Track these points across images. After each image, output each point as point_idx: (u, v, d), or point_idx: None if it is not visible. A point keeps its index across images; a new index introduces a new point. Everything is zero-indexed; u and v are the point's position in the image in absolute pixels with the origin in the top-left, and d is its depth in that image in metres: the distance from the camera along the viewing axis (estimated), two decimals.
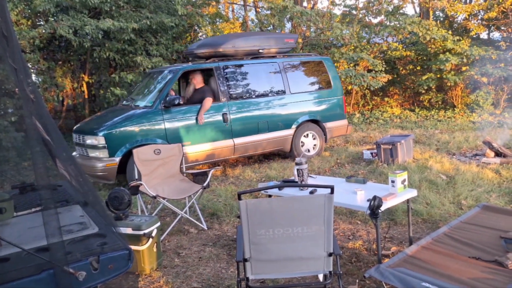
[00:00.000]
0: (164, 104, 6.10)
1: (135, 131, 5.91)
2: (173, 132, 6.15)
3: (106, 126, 5.90)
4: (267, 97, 7.03)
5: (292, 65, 7.40)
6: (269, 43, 7.27)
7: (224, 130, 6.58)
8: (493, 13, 11.76)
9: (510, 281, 2.61)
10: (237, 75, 6.87)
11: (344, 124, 7.85)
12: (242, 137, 6.72)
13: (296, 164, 3.68)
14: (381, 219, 3.24)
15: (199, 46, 7.12)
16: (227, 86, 6.69)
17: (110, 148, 5.75)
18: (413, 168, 5.78)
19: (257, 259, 2.40)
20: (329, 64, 7.72)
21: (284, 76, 7.19)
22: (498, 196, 4.62)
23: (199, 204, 4.85)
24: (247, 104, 6.82)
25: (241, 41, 7.05)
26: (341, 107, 7.79)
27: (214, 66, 6.67)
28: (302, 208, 2.32)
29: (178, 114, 6.22)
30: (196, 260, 3.71)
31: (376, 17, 14.18)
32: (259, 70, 7.04)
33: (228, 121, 6.58)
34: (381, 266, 2.81)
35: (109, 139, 5.76)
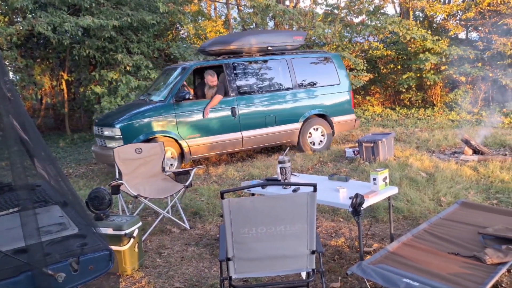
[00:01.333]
0: (175, 99, 6.47)
1: (149, 124, 6.32)
2: (183, 125, 6.54)
3: (122, 118, 6.35)
4: (275, 92, 7.33)
5: (300, 61, 7.63)
6: (278, 40, 7.55)
7: (233, 123, 6.90)
8: (470, 13, 12.01)
9: (488, 276, 2.67)
10: (245, 71, 7.20)
11: (351, 118, 8.06)
12: (250, 130, 7.03)
13: (279, 163, 3.69)
14: (363, 216, 3.27)
15: (210, 44, 7.41)
16: (236, 81, 7.01)
17: (125, 139, 6.15)
18: (394, 166, 5.85)
19: (240, 258, 2.39)
20: (337, 60, 7.98)
21: (292, 72, 7.46)
22: (476, 193, 4.72)
23: (182, 204, 4.81)
24: (255, 99, 7.13)
25: (251, 39, 7.34)
26: (349, 102, 8.00)
27: (223, 63, 6.99)
28: (285, 207, 2.33)
29: (188, 108, 6.59)
30: (179, 260, 3.68)
31: (358, 17, 14.33)
32: (267, 66, 7.38)
33: (236, 115, 6.90)
34: (363, 263, 2.84)
35: (124, 131, 6.21)
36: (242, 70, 7.16)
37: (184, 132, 6.53)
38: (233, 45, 7.16)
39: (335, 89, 7.85)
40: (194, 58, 10.63)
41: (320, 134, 7.76)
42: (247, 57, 7.26)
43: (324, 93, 7.75)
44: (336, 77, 7.87)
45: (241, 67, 7.14)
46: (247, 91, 7.11)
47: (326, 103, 7.74)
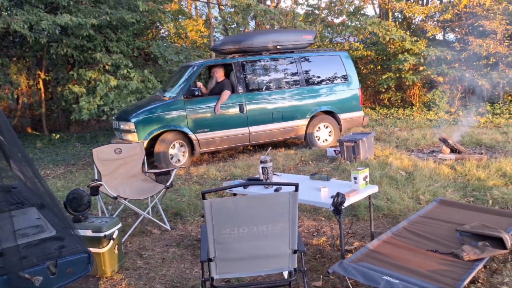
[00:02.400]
0: (186, 95, 6.89)
1: (160, 118, 6.77)
2: (193, 120, 6.95)
3: (136, 113, 6.82)
4: (282, 90, 7.64)
5: (308, 59, 7.91)
6: (287, 39, 7.82)
7: (240, 119, 7.26)
8: (448, 15, 12.26)
9: (465, 272, 2.73)
10: (254, 69, 7.54)
11: (360, 115, 8.22)
12: (257, 126, 7.38)
13: (261, 162, 3.69)
14: (344, 215, 3.30)
15: (222, 43, 7.82)
16: (244, 79, 7.36)
17: (139, 133, 6.66)
18: (374, 165, 5.93)
19: (222, 259, 2.38)
20: (345, 58, 8.14)
21: (300, 70, 7.74)
22: (454, 191, 4.82)
23: (162, 204, 4.76)
24: (262, 95, 7.47)
25: (261, 38, 7.67)
26: (357, 100, 8.14)
27: (233, 62, 7.35)
28: (267, 206, 2.33)
29: (197, 104, 6.99)
30: (159, 261, 3.65)
31: (338, 17, 14.45)
32: (275, 64, 7.68)
33: (244, 111, 7.25)
34: (344, 262, 2.86)
35: (138, 125, 6.67)
36: (251, 68, 7.50)
37: (193, 127, 6.93)
38: (243, 44, 7.50)
39: (343, 87, 8.05)
40: (175, 57, 10.55)
41: (327, 131, 8.02)
42: (256, 55, 7.58)
43: (332, 90, 7.99)
44: (345, 74, 8.07)
45: (249, 65, 7.48)
46: (255, 89, 7.47)
47: (333, 100, 7.96)
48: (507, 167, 5.29)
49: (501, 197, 4.44)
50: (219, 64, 7.41)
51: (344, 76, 8.06)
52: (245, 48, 7.52)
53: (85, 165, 7.89)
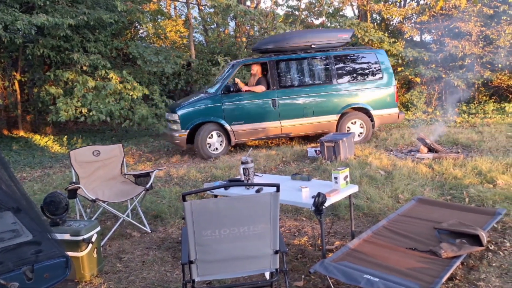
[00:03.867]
0: (223, 91, 7.58)
1: (200, 111, 7.57)
2: (229, 113, 7.63)
3: (182, 106, 7.69)
4: (313, 86, 8.00)
5: (342, 57, 8.16)
6: (322, 39, 8.19)
7: (273, 113, 7.78)
8: (424, 17, 12.50)
9: (443, 269, 2.78)
10: (287, 67, 7.99)
11: (394, 112, 8.29)
12: (288, 120, 7.84)
13: (242, 163, 3.68)
14: (325, 215, 3.32)
15: (263, 43, 8.41)
16: (278, 76, 7.86)
17: (182, 123, 7.52)
18: (354, 165, 5.99)
19: (203, 261, 2.36)
20: (381, 56, 8.29)
21: (333, 67, 8.03)
22: (431, 189, 4.91)
23: (142, 207, 4.71)
24: (294, 92, 7.91)
25: (297, 38, 8.15)
26: (392, 97, 8.23)
27: (268, 60, 7.88)
28: (248, 207, 2.32)
29: (233, 99, 7.65)
30: (140, 264, 3.60)
31: (318, 18, 14.57)
32: (309, 62, 8.08)
33: (276, 106, 7.74)
34: (325, 261, 2.88)
35: (181, 116, 7.53)
36: (284, 66, 7.96)
37: (229, 119, 7.62)
38: (280, 44, 8.04)
39: (377, 84, 8.16)
40: (154, 57, 10.44)
41: (359, 127, 8.15)
42: (290, 54, 8.01)
43: (365, 87, 8.12)
44: (380, 72, 8.18)
45: (283, 63, 7.94)
46: (287, 85, 7.95)
47: (366, 97, 8.10)
48: (482, 166, 5.42)
49: (477, 195, 4.54)
50: (257, 62, 8.02)
51: (378, 73, 8.19)
52: (283, 47, 8.04)
53: (62, 167, 7.73)
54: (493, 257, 3.24)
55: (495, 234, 3.65)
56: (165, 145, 9.45)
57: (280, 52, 8.11)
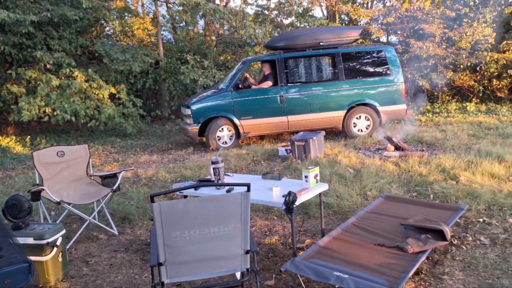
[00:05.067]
0: (233, 87, 7.97)
1: (211, 106, 8.00)
2: (238, 108, 8.00)
3: (194, 101, 8.18)
4: (320, 83, 8.25)
5: (350, 54, 8.28)
6: (331, 36, 8.37)
7: (280, 108, 8.07)
8: (391, 18, 12.78)
9: (410, 264, 2.84)
10: (294, 64, 8.30)
11: (402, 108, 8.35)
12: (295, 115, 8.10)
13: (212, 163, 3.65)
14: (295, 213, 3.34)
15: (275, 40, 8.67)
16: (285, 73, 8.15)
17: (194, 117, 7.98)
18: (324, 163, 6.05)
19: (173, 262, 2.32)
20: (389, 53, 8.33)
21: (340, 64, 8.19)
22: (398, 187, 5.03)
23: (109, 208, 4.59)
24: (301, 88, 8.20)
25: (306, 36, 8.38)
26: (399, 93, 8.29)
27: (276, 58, 8.19)
28: (219, 208, 2.30)
29: (242, 94, 8.01)
30: (107, 268, 3.51)
31: (288, 18, 14.65)
32: (316, 59, 8.32)
33: (283, 101, 8.03)
34: (296, 260, 2.89)
35: (194, 111, 7.99)
36: (292, 63, 8.27)
37: (239, 114, 7.99)
38: (289, 41, 8.29)
39: (385, 80, 8.25)
40: (121, 56, 10.21)
41: (365, 122, 8.29)
42: (299, 51, 8.22)
43: (372, 83, 8.22)
44: (387, 68, 8.26)
45: (291, 60, 8.25)
46: (294, 82, 8.24)
47: (373, 93, 8.21)
48: (446, 163, 5.60)
49: (441, 192, 4.68)
50: (266, 60, 8.40)
51: (386, 69, 8.27)
52: (294, 45, 8.26)
53: (25, 169, 7.45)
54: (456, 251, 3.35)
55: (458, 229, 3.78)
56: (132, 145, 9.26)
57: (290, 49, 8.33)
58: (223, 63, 13.32)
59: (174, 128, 11.36)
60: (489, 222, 3.85)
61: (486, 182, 4.87)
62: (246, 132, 8.09)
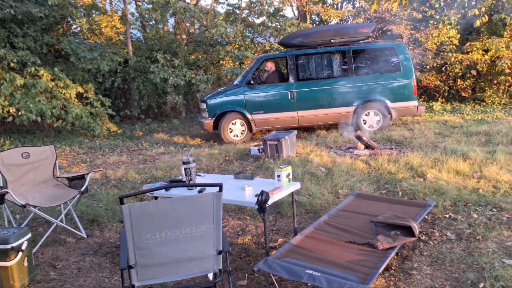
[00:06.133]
0: (246, 83, 8.37)
1: (225, 101, 8.45)
2: (250, 103, 8.40)
3: (210, 96, 8.66)
4: (329, 79, 8.52)
5: (361, 51, 8.49)
6: (342, 33, 8.59)
7: (290, 104, 8.39)
8: (360, 19, 13.01)
9: (380, 260, 2.89)
10: (305, 61, 8.71)
11: (412, 105, 8.49)
12: (305, 111, 8.41)
13: (184, 163, 3.60)
14: (268, 213, 3.34)
15: (289, 38, 8.94)
16: (296, 70, 8.46)
17: (209, 111, 8.46)
18: (297, 162, 6.09)
19: (143, 265, 2.27)
20: (400, 50, 8.47)
21: (350, 61, 8.41)
22: (368, 184, 5.12)
23: (77, 211, 4.47)
24: (310, 84, 8.48)
25: (320, 33, 8.67)
26: (410, 89, 8.42)
27: (287, 55, 8.56)
28: (190, 208, 2.27)
29: (254, 90, 8.42)
30: (75, 272, 3.41)
31: (259, 18, 14.66)
32: (327, 56, 8.68)
33: (293, 97, 8.31)
34: (268, 259, 2.89)
35: (209, 106, 8.46)
36: (302, 60, 8.66)
37: (250, 109, 8.38)
38: (304, 38, 8.58)
39: (395, 77, 8.40)
40: (89, 54, 9.96)
41: (375, 118, 8.51)
42: (310, 49, 8.53)
43: (382, 80, 8.39)
44: (398, 65, 8.40)
45: (302, 57, 8.64)
46: (304, 78, 8.68)
47: (383, 89, 8.39)
48: (413, 161, 5.74)
49: (409, 189, 4.80)
50: (273, 58, 8.91)
51: (397, 66, 8.40)
52: (308, 42, 8.53)
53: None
54: (424, 247, 3.44)
55: (425, 225, 3.88)
56: (101, 145, 9.05)
57: (303, 46, 8.62)
58: (194, 62, 13.21)
59: (144, 128, 11.19)
60: (455, 218, 3.97)
61: (451, 179, 5.02)
62: (258, 126, 8.46)
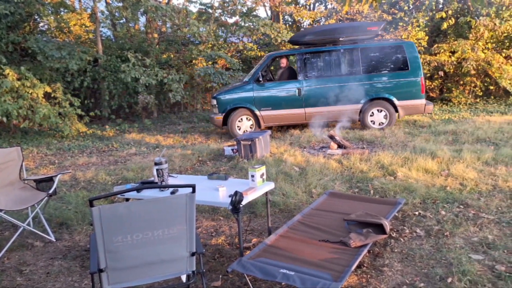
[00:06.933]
0: (255, 80, 8.68)
1: (234, 97, 8.75)
2: (258, 99, 8.67)
3: (220, 92, 9.00)
4: (337, 77, 8.62)
5: (369, 49, 8.59)
6: (350, 32, 8.75)
7: (298, 101, 8.63)
8: (332, 20, 13.18)
9: (352, 258, 2.93)
10: (313, 59, 8.72)
11: (420, 103, 8.60)
12: (313, 107, 8.61)
13: (156, 164, 3.54)
14: (242, 213, 3.33)
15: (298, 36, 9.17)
16: (304, 67, 8.68)
17: (219, 107, 8.80)
18: (271, 162, 6.11)
19: (114, 268, 2.22)
20: (409, 48, 8.55)
21: (358, 59, 8.55)
22: (341, 183, 5.18)
23: (45, 214, 4.33)
24: (318, 82, 8.65)
25: (326, 32, 8.85)
26: (418, 88, 8.51)
27: (296, 53, 8.82)
28: (163, 210, 2.23)
29: (263, 87, 8.70)
30: (44, 277, 3.30)
31: (232, 17, 14.64)
32: (335, 54, 8.66)
33: (301, 94, 8.56)
34: (242, 259, 2.88)
35: (219, 101, 8.80)
36: (310, 58, 8.71)
37: (259, 105, 8.66)
38: (311, 36, 8.80)
39: (403, 75, 8.49)
40: (57, 53, 9.68)
41: (382, 115, 8.65)
42: (319, 47, 8.72)
43: (390, 78, 8.51)
44: (406, 63, 8.48)
45: (310, 55, 8.71)
46: (312, 76, 8.70)
47: (391, 87, 8.51)
48: (384, 160, 5.85)
49: (381, 187, 4.89)
50: (286, 55, 9.10)
51: (405, 64, 8.47)
52: (310, 40, 8.77)
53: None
54: (395, 244, 3.51)
55: (396, 222, 3.96)
56: (70, 146, 8.81)
57: (310, 44, 8.82)
58: (166, 61, 13.05)
59: (115, 128, 10.97)
60: (424, 215, 4.07)
61: (421, 177, 5.15)
62: (266, 122, 8.72)
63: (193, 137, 9.25)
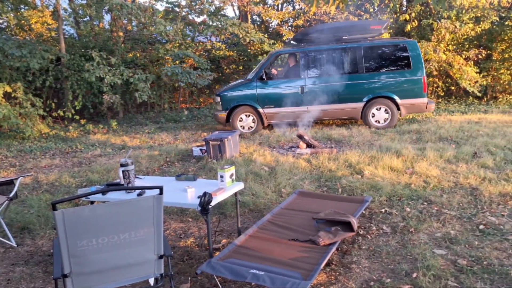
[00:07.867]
0: (258, 78, 8.76)
1: (238, 95, 8.88)
2: (262, 97, 8.79)
3: (223, 90, 9.18)
4: (340, 75, 8.62)
5: (372, 48, 8.61)
6: (354, 30, 8.85)
7: (300, 98, 8.71)
8: (300, 21, 13.31)
9: (321, 256, 2.96)
10: (317, 57, 8.83)
11: (422, 102, 8.63)
12: (315, 105, 8.62)
13: (121, 166, 3.46)
14: (211, 214, 3.30)
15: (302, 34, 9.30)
16: (307, 65, 8.78)
17: (223, 105, 8.94)
18: (240, 162, 6.09)
19: (79, 273, 2.15)
20: (412, 47, 8.58)
21: (361, 58, 8.60)
22: (310, 182, 5.23)
23: (5, 218, 4.15)
24: (321, 80, 8.74)
25: (329, 30, 8.90)
26: (420, 86, 8.54)
27: (299, 51, 8.88)
28: (129, 212, 2.18)
29: (266, 85, 8.79)
30: (4, 284, 3.16)
31: (199, 16, 14.52)
32: (337, 53, 8.70)
33: (304, 92, 8.64)
34: (212, 261, 2.86)
35: (222, 98, 8.94)
36: (313, 57, 8.82)
37: (262, 103, 8.77)
38: (313, 35, 8.85)
39: (405, 74, 8.54)
40: (17, 51, 9.31)
41: (384, 114, 8.69)
42: (322, 45, 8.75)
43: (392, 77, 8.58)
44: (409, 62, 8.53)
45: (312, 53, 8.81)
46: (315, 74, 8.80)
47: (393, 86, 8.57)
48: (352, 159, 5.96)
49: (348, 186, 4.97)
50: (292, 53, 9.04)
51: (407, 63, 8.52)
52: (313, 38, 8.81)
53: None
54: (362, 241, 3.57)
55: (363, 219, 4.03)
56: (32, 148, 8.49)
57: (313, 42, 8.85)
58: (132, 60, 12.79)
59: (79, 129, 10.66)
60: (390, 212, 4.16)
61: (386, 175, 5.27)
62: (269, 119, 8.82)
63: (160, 138, 9.11)
